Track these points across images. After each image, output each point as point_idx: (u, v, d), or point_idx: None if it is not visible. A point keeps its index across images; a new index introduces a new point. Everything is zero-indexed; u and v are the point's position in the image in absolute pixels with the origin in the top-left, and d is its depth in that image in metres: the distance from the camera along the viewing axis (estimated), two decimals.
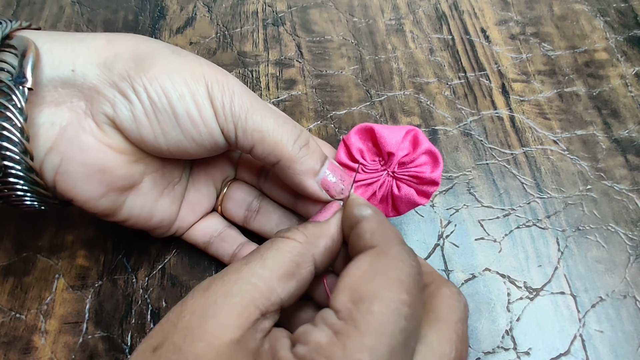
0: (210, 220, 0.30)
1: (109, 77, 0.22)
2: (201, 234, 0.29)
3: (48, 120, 0.22)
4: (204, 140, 0.24)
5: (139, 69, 0.22)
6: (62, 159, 0.22)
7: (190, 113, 0.23)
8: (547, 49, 0.40)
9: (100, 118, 0.23)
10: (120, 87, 0.22)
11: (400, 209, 0.27)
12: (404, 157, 0.26)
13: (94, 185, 0.23)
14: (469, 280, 0.30)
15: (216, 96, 0.23)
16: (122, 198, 0.25)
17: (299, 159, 0.24)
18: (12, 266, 0.30)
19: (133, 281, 0.30)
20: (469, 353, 0.28)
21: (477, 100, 0.37)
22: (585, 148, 0.35)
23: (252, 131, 0.24)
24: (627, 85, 0.38)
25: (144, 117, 0.23)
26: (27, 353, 0.27)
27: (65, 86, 0.22)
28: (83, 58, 0.22)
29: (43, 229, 0.31)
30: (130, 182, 0.25)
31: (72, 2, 0.43)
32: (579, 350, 0.28)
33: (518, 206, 0.33)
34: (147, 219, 0.27)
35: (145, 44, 0.24)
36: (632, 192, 0.33)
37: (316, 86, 0.38)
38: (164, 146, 0.24)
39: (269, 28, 0.41)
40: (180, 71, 0.23)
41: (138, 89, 0.22)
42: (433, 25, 0.41)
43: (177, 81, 0.23)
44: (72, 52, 0.23)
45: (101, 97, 0.22)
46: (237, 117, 0.23)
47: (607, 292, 0.29)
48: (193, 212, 0.29)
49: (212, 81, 0.23)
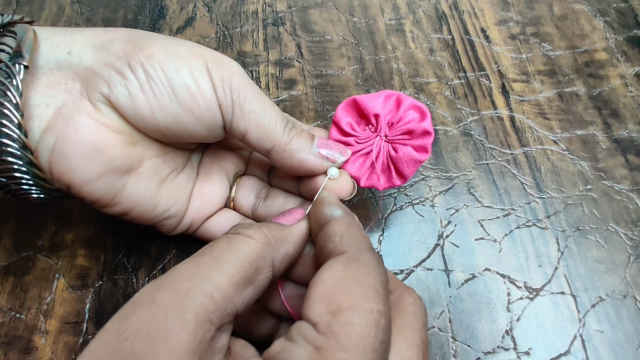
0: (226, 214, 0.29)
1: (105, 57, 0.22)
2: (219, 227, 0.28)
3: (43, 101, 0.22)
4: (202, 114, 0.23)
5: (136, 48, 0.23)
6: (57, 139, 0.22)
7: (187, 85, 0.23)
8: (547, 49, 0.40)
9: (96, 97, 0.23)
10: (117, 66, 0.22)
11: (405, 172, 0.27)
12: (391, 118, 0.27)
13: (90, 165, 0.23)
14: (469, 280, 0.30)
15: (215, 72, 0.23)
16: (121, 182, 0.24)
17: (291, 139, 0.25)
18: (12, 266, 0.30)
19: (133, 281, 0.30)
20: (469, 353, 0.28)
21: (477, 100, 0.37)
22: (585, 148, 0.35)
23: (248, 111, 0.24)
24: (627, 85, 0.38)
25: (140, 92, 0.22)
26: (27, 353, 0.27)
27: (61, 68, 0.23)
28: (80, 42, 0.23)
29: (43, 228, 0.31)
30: (127, 164, 0.24)
31: (71, 1, 0.43)
32: (579, 350, 0.28)
33: (518, 206, 0.33)
34: (151, 208, 0.25)
35: (141, 33, 0.24)
36: (632, 192, 0.33)
37: (316, 86, 0.38)
38: (162, 122, 0.23)
39: (269, 28, 0.41)
40: (179, 49, 0.23)
41: (135, 66, 0.22)
42: (433, 25, 0.41)
43: (175, 56, 0.23)
44: (70, 39, 0.23)
45: (97, 76, 0.22)
46: (236, 94, 0.24)
47: (607, 292, 0.29)
48: (208, 203, 0.28)
49: (211, 60, 0.23)
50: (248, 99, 0.24)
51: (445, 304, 0.29)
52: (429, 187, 0.33)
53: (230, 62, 0.24)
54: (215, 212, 0.29)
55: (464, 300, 0.29)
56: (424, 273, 0.30)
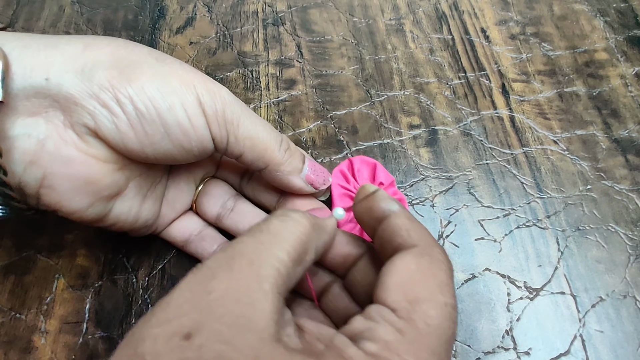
0: (189, 219, 0.29)
1: (88, 87, 0.21)
2: (179, 233, 0.29)
3: (23, 131, 0.21)
4: (193, 147, 0.24)
5: (123, 79, 0.21)
6: (44, 174, 0.22)
7: (181, 123, 0.22)
8: (547, 49, 0.40)
9: (81, 129, 0.22)
10: (102, 99, 0.21)
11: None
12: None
13: (80, 197, 0.23)
14: (469, 280, 0.30)
15: (208, 104, 0.23)
16: (109, 206, 0.24)
17: (285, 161, 0.26)
18: (12, 266, 0.30)
19: (133, 281, 0.30)
20: (469, 353, 0.28)
21: (477, 100, 0.37)
22: (585, 148, 0.35)
23: (243, 139, 0.24)
24: (627, 85, 0.38)
25: (129, 128, 0.22)
26: (27, 353, 0.27)
27: (38, 96, 0.21)
28: (57, 66, 0.21)
29: (43, 228, 0.31)
30: (116, 190, 0.24)
31: (72, 1, 0.43)
32: (579, 350, 0.28)
33: (518, 206, 0.33)
34: (133, 222, 0.26)
35: (125, 49, 0.23)
36: (632, 192, 0.33)
37: (316, 86, 0.38)
38: (151, 155, 0.23)
39: (269, 28, 0.41)
40: (169, 80, 0.22)
41: (123, 100, 0.21)
42: (433, 25, 0.41)
43: (166, 91, 0.22)
44: (45, 60, 0.21)
45: (80, 108, 0.21)
46: (229, 124, 0.24)
47: (607, 292, 0.29)
48: (173, 209, 0.29)
49: (203, 90, 0.23)
50: (242, 127, 0.24)
51: None
52: (429, 187, 0.33)
53: (220, 89, 0.24)
54: (178, 216, 0.29)
55: (464, 300, 0.29)
56: None
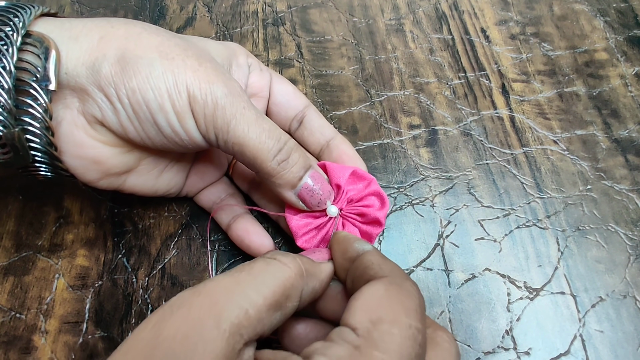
0: (215, 187, 0.31)
1: (96, 79, 0.23)
2: (205, 200, 0.31)
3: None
4: (187, 145, 0.25)
5: (123, 75, 0.23)
6: (58, 151, 0.24)
7: (171, 124, 0.23)
8: (547, 49, 0.40)
9: (90, 118, 0.24)
10: (106, 92, 0.23)
11: None
12: (353, 195, 0.27)
13: (90, 172, 0.25)
14: (469, 280, 0.30)
15: (198, 107, 0.23)
16: (121, 179, 0.27)
17: (277, 174, 0.25)
18: (12, 266, 0.30)
19: (133, 281, 0.30)
20: (469, 353, 0.28)
21: (477, 100, 0.37)
22: (585, 148, 0.35)
23: (232, 144, 0.24)
24: (627, 85, 0.38)
25: (129, 122, 0.24)
26: (27, 353, 0.27)
27: (61, 86, 0.23)
28: (74, 61, 0.23)
29: (43, 228, 0.31)
30: (126, 168, 0.26)
31: (71, 1, 0.43)
32: (579, 350, 0.28)
33: (518, 206, 0.33)
34: (152, 192, 0.28)
35: (136, 43, 0.23)
36: (632, 192, 0.33)
37: (316, 86, 0.38)
38: (152, 146, 0.25)
39: (269, 28, 0.41)
40: (163, 80, 0.23)
41: (122, 97, 0.23)
42: (433, 25, 0.41)
43: (159, 92, 0.23)
44: (65, 54, 0.23)
45: (90, 99, 0.23)
46: (218, 129, 0.24)
47: (607, 292, 0.29)
48: (202, 180, 0.31)
49: (195, 91, 0.23)
50: (231, 132, 0.23)
51: (445, 304, 0.29)
52: (429, 187, 0.33)
53: (213, 88, 0.23)
54: (207, 185, 0.31)
55: (464, 300, 0.29)
56: (424, 273, 0.30)
